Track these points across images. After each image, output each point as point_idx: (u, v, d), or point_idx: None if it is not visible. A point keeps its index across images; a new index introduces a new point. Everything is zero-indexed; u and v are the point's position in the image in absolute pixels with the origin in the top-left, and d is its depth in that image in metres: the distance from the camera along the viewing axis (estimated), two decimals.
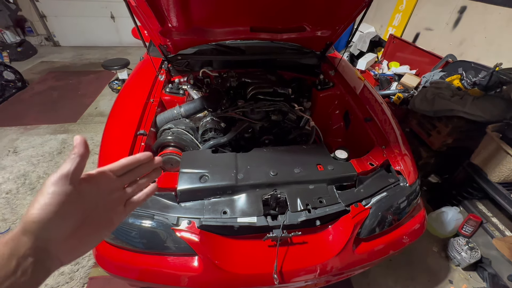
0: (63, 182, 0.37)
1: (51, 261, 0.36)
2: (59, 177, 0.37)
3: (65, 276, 1.71)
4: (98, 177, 0.43)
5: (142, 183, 0.50)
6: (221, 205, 1.07)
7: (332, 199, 1.12)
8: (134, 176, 0.49)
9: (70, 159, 0.39)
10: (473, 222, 2.03)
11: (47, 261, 0.36)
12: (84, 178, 0.41)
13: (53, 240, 0.36)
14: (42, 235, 0.35)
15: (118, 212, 0.46)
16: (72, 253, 0.40)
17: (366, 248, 1.15)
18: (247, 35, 1.76)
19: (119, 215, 0.46)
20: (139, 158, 0.49)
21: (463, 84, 2.42)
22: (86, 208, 0.41)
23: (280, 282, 1.01)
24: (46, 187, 0.37)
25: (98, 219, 0.43)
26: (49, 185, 0.37)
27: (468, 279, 1.88)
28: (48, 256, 0.36)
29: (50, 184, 0.37)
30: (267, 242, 1.07)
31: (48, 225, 0.35)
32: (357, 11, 1.51)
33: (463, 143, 2.24)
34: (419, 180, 1.31)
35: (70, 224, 0.38)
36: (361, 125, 1.59)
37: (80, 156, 0.39)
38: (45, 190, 0.36)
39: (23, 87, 4.06)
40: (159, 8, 1.32)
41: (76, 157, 0.39)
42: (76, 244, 0.40)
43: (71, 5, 5.40)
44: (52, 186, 0.37)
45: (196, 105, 1.61)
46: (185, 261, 1.04)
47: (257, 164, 1.19)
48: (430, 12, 3.49)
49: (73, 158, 0.39)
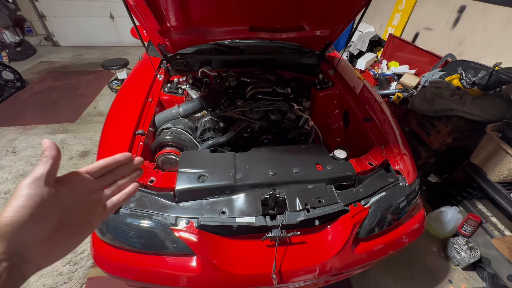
0: (37, 184, 0.37)
1: (26, 265, 0.35)
2: (33, 180, 0.37)
3: (64, 276, 1.71)
4: (74, 179, 0.43)
5: (122, 183, 0.50)
6: (219, 205, 1.07)
7: (331, 198, 1.12)
8: (113, 177, 0.49)
9: (42, 162, 0.38)
10: (473, 222, 2.03)
11: (22, 266, 0.35)
12: (59, 180, 0.41)
13: (28, 243, 0.35)
14: (16, 239, 0.34)
15: (96, 213, 0.45)
16: (49, 256, 0.39)
17: (365, 248, 1.14)
18: (246, 35, 1.76)
19: (98, 216, 0.46)
20: (118, 159, 0.48)
21: (462, 83, 2.42)
22: (62, 210, 0.40)
23: (279, 282, 1.00)
24: (19, 189, 0.36)
25: (75, 221, 0.42)
26: (22, 187, 0.36)
27: (467, 279, 1.88)
28: (23, 260, 0.35)
29: (24, 187, 0.36)
30: (265, 242, 1.06)
31: (22, 228, 0.34)
32: (356, 10, 1.51)
33: (462, 143, 2.23)
34: (418, 180, 1.30)
35: (46, 227, 0.37)
36: (361, 125, 1.59)
37: (52, 158, 0.39)
38: (19, 192, 0.36)
39: (22, 87, 4.05)
40: (157, 7, 1.32)
41: (48, 159, 0.39)
42: (53, 247, 0.39)
43: (70, 5, 5.39)
44: (26, 188, 0.36)
45: (195, 104, 1.61)
46: (184, 261, 1.03)
47: (256, 163, 1.18)
48: (429, 11, 3.49)
49: (45, 161, 0.38)
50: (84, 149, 2.84)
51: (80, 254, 1.83)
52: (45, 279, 1.68)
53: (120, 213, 1.03)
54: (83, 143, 2.93)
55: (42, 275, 1.70)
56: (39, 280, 1.68)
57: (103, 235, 1.07)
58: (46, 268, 1.41)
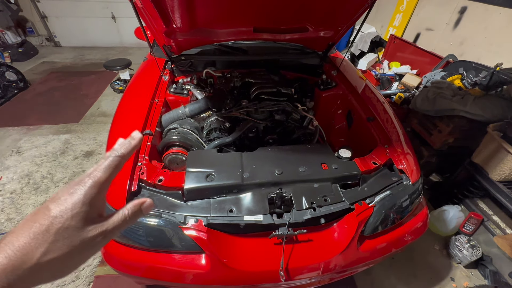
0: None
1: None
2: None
3: (71, 274, 1.72)
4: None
5: None
6: (227, 203, 1.09)
7: (336, 197, 1.14)
8: None
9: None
10: (474, 220, 2.05)
11: None
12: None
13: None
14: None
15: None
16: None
17: (370, 246, 1.16)
18: (250, 36, 1.78)
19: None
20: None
21: (464, 84, 2.44)
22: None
23: (286, 279, 1.03)
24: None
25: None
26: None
27: (469, 277, 1.90)
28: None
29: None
30: (273, 240, 1.08)
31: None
32: (359, 11, 1.52)
33: (464, 142, 2.26)
34: (421, 179, 1.32)
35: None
36: (364, 125, 1.61)
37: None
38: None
39: (25, 87, 4.07)
40: (164, 9, 1.34)
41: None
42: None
43: (72, 5, 5.41)
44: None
45: (201, 105, 1.63)
46: (192, 258, 1.05)
47: (262, 163, 1.20)
48: (430, 12, 3.51)
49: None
50: (88, 149, 2.86)
51: None
52: None
53: None
54: (87, 143, 2.95)
55: None
56: None
57: None
58: None
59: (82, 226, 0.33)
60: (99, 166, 0.35)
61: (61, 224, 0.31)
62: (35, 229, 0.30)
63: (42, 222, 0.30)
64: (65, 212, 0.31)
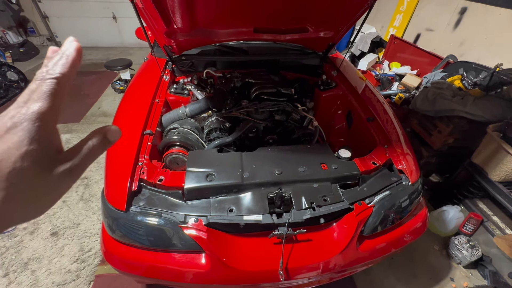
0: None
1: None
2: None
3: (72, 274, 1.74)
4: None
5: None
6: (227, 203, 1.10)
7: (336, 197, 1.15)
8: None
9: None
10: (474, 221, 2.05)
11: None
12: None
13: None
14: None
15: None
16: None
17: (370, 246, 1.17)
18: (250, 36, 1.78)
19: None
20: None
21: (464, 84, 2.44)
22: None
23: (285, 279, 1.03)
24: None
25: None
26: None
27: (469, 277, 1.90)
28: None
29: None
30: (272, 240, 1.09)
31: None
32: (360, 12, 1.53)
33: (464, 143, 2.26)
34: (421, 179, 1.33)
35: None
36: (364, 125, 1.61)
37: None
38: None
39: (26, 87, 4.07)
40: (165, 9, 1.35)
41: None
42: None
43: (73, 5, 5.42)
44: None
45: (201, 105, 1.63)
46: (192, 258, 1.06)
47: (262, 163, 1.21)
48: (431, 13, 3.51)
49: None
50: None
51: (88, 252, 1.86)
52: (53, 276, 1.71)
53: (130, 211, 1.06)
54: None
55: (51, 272, 1.73)
56: (48, 278, 1.71)
57: (113, 232, 1.10)
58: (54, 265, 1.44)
59: (40, 166, 0.28)
60: (34, 93, 0.29)
61: (10, 168, 0.26)
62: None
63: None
64: (10, 153, 0.26)
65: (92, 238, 1.97)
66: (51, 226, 2.04)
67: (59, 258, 1.83)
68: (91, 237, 1.97)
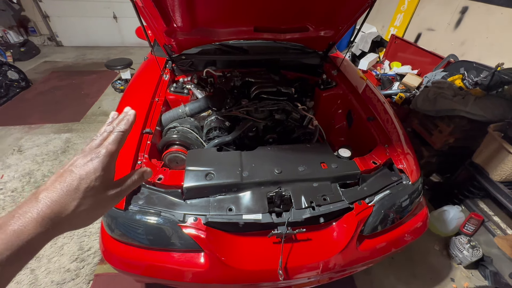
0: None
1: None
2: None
3: (71, 273, 1.73)
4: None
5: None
6: (226, 202, 1.09)
7: (336, 196, 1.14)
8: None
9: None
10: (475, 221, 2.05)
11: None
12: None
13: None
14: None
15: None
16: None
17: (369, 245, 1.16)
18: (250, 35, 1.78)
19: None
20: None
21: (465, 84, 2.43)
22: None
23: (285, 278, 1.03)
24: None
25: None
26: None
27: (469, 277, 1.89)
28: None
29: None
30: (272, 239, 1.08)
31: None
32: (360, 11, 1.52)
33: (464, 143, 2.25)
34: (421, 179, 1.32)
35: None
36: (364, 124, 1.60)
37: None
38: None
39: (27, 86, 4.09)
40: (165, 8, 1.34)
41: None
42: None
43: (74, 5, 5.43)
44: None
45: (201, 104, 1.63)
46: (191, 257, 1.06)
47: (261, 162, 1.20)
48: (431, 12, 3.50)
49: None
50: None
51: (87, 251, 1.86)
52: (53, 275, 1.71)
53: (129, 210, 1.05)
54: (88, 142, 2.95)
55: (50, 271, 1.73)
56: (47, 277, 1.70)
57: (112, 231, 1.09)
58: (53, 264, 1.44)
59: (103, 187, 0.42)
60: (107, 139, 0.45)
61: (87, 184, 0.40)
62: (66, 187, 0.38)
63: (71, 182, 0.39)
64: (90, 175, 0.40)
65: (92, 237, 1.97)
66: None
67: (58, 257, 1.82)
68: (90, 236, 1.97)
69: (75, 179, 0.39)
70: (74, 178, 0.39)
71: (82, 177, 0.40)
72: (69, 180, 0.39)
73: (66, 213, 0.38)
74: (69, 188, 0.38)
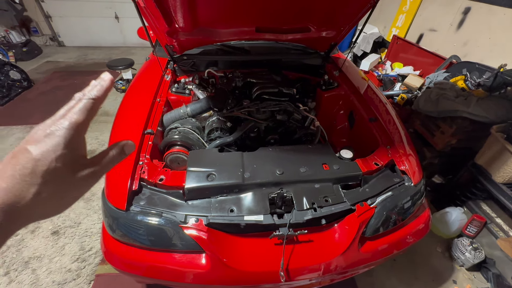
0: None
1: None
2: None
3: (72, 273, 1.73)
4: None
5: None
6: (228, 203, 1.09)
7: (337, 198, 1.14)
8: None
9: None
10: (477, 223, 2.03)
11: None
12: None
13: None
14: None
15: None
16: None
17: (371, 247, 1.16)
18: (252, 36, 1.78)
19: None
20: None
21: (467, 85, 2.42)
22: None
23: (286, 280, 1.02)
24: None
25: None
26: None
27: (472, 279, 1.88)
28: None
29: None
30: (273, 240, 1.08)
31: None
32: (362, 12, 1.52)
33: (467, 144, 2.24)
34: (424, 180, 1.31)
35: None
36: (366, 125, 1.60)
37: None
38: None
39: (29, 86, 4.10)
40: (167, 9, 1.34)
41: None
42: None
43: (76, 5, 5.45)
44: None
45: (202, 104, 1.63)
46: (193, 258, 1.05)
47: (263, 163, 1.20)
48: (434, 13, 3.49)
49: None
50: (90, 148, 2.88)
51: (88, 252, 1.86)
52: (54, 275, 1.71)
53: (131, 210, 1.05)
54: (89, 142, 2.96)
55: (51, 271, 1.74)
56: (48, 277, 1.71)
57: (113, 232, 1.09)
58: (55, 265, 1.44)
59: (69, 168, 0.34)
60: (73, 108, 0.35)
61: (46, 167, 0.32)
62: (20, 171, 0.31)
63: (25, 164, 0.31)
64: (48, 154, 0.32)
65: (93, 237, 1.97)
66: (52, 225, 2.04)
67: (59, 257, 1.83)
68: (91, 236, 1.97)
69: (29, 161, 0.31)
70: (28, 160, 0.31)
71: (39, 158, 0.31)
72: (22, 162, 0.31)
73: (24, 202, 0.31)
74: (22, 173, 0.31)
